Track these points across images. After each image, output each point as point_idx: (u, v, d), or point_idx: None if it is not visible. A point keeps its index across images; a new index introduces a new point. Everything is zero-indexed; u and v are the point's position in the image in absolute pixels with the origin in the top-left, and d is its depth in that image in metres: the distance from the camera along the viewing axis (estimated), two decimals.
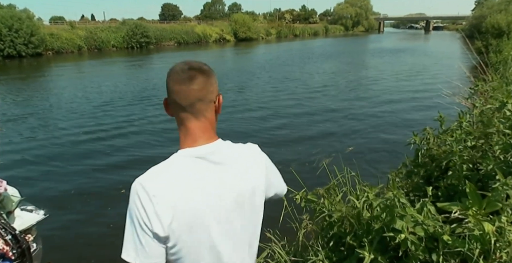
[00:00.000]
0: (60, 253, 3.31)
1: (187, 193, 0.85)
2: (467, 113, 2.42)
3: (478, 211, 1.30)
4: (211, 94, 0.95)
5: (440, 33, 73.45)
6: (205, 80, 0.93)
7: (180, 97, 0.91)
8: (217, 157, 0.92)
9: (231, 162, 0.94)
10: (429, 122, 2.68)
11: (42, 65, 24.00)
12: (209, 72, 0.95)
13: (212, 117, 0.97)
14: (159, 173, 0.87)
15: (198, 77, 0.92)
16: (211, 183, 0.89)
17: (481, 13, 27.92)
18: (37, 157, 6.27)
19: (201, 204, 0.87)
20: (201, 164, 0.89)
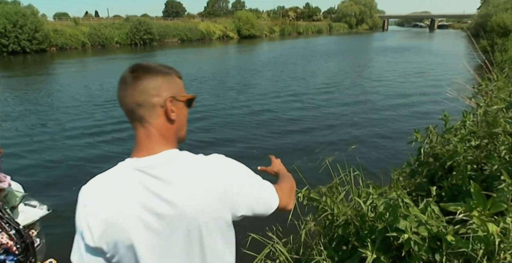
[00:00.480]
0: (63, 249, 3.33)
1: (116, 208, 0.79)
2: (471, 112, 2.40)
3: (483, 211, 1.29)
4: (155, 97, 0.84)
5: (445, 32, 72.93)
6: (145, 83, 0.84)
7: (121, 104, 0.85)
8: (158, 172, 0.80)
9: (174, 178, 0.80)
10: (433, 121, 2.67)
11: (46, 61, 24.07)
12: (152, 74, 0.85)
13: (161, 124, 0.86)
14: (97, 183, 0.83)
15: (135, 80, 0.84)
16: (144, 200, 0.79)
17: (487, 12, 27.67)
18: (41, 153, 6.30)
19: (128, 222, 0.78)
20: (139, 178, 0.80)
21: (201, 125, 7.85)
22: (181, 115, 0.90)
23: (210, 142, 6.75)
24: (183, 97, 0.90)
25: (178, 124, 0.90)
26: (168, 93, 0.86)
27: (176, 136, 0.90)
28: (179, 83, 0.91)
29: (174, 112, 0.87)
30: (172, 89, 0.87)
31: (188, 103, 0.93)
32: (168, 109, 0.85)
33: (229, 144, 6.63)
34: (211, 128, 7.68)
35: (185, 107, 0.92)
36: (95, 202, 0.81)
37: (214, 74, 15.51)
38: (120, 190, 0.80)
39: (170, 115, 0.86)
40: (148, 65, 0.88)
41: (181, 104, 0.90)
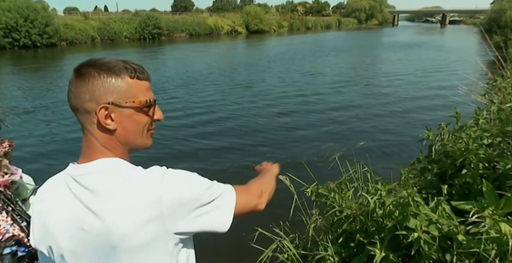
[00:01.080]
0: None
1: (50, 214, 0.76)
2: (484, 109, 2.35)
3: (495, 211, 1.27)
4: (88, 102, 0.73)
5: (456, 27, 71.62)
6: (80, 84, 0.73)
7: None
8: (88, 181, 0.72)
9: (102, 190, 0.70)
10: (444, 118, 2.62)
11: (56, 55, 24.33)
12: (91, 73, 0.73)
13: (97, 133, 0.75)
14: (46, 185, 0.82)
15: (74, 79, 0.74)
16: (74, 210, 0.72)
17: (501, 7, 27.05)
18: (52, 146, 6.39)
19: (58, 229, 0.74)
20: (71, 185, 0.74)
21: (207, 119, 7.87)
22: (129, 123, 0.76)
23: (216, 137, 6.77)
24: (129, 103, 0.75)
25: (124, 133, 0.76)
26: (106, 98, 0.72)
27: (123, 145, 0.78)
28: (131, 84, 0.75)
29: (114, 121, 0.74)
30: (114, 92, 0.73)
31: (143, 109, 0.77)
32: (100, 118, 0.73)
33: (235, 140, 6.63)
34: (217, 123, 7.69)
35: (138, 114, 0.77)
36: (37, 205, 0.80)
37: (221, 69, 15.49)
38: (55, 196, 0.76)
39: (105, 125, 0.74)
40: (94, 62, 0.75)
41: (130, 110, 0.75)
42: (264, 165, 1.25)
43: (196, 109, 8.67)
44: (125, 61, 0.77)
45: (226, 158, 5.69)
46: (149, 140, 0.82)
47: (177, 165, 0.80)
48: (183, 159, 5.62)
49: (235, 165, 5.42)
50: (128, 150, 0.80)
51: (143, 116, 0.78)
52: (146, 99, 0.77)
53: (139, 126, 0.78)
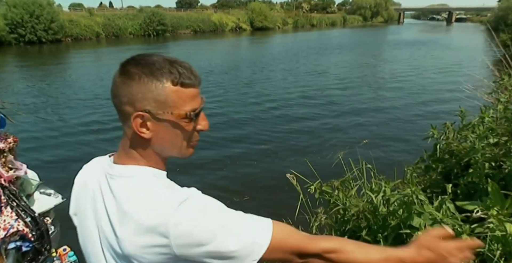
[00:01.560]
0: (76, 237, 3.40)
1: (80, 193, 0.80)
2: (491, 108, 2.33)
3: (500, 211, 1.26)
4: (126, 106, 0.67)
5: (463, 25, 70.90)
6: (119, 83, 0.68)
7: None
8: (116, 187, 0.70)
9: (123, 202, 0.67)
10: (449, 117, 2.60)
11: (61, 51, 24.42)
12: (134, 73, 0.66)
13: (133, 138, 0.70)
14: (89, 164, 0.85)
15: (116, 76, 0.69)
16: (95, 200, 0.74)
17: (508, 5, 26.75)
18: (56, 143, 6.43)
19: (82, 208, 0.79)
20: (102, 181, 0.74)
21: (208, 118, 7.86)
22: (166, 134, 0.69)
23: (218, 136, 6.77)
24: (167, 114, 0.67)
25: (160, 143, 0.70)
26: (143, 105, 0.66)
27: (159, 154, 0.72)
28: (173, 92, 0.66)
29: (150, 129, 0.68)
30: (152, 100, 0.66)
31: (183, 121, 0.69)
32: (134, 126, 0.67)
33: (238, 139, 6.63)
34: (219, 122, 7.68)
35: (179, 125, 0.69)
36: (77, 180, 0.83)
37: (225, 67, 15.47)
38: (90, 180, 0.78)
39: (139, 133, 0.68)
40: (139, 60, 0.67)
41: (166, 121, 0.68)
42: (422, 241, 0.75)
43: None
44: (173, 62, 0.67)
45: (228, 155, 5.69)
46: (188, 151, 0.74)
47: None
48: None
49: (238, 163, 5.42)
50: (165, 157, 0.75)
51: (183, 128, 0.70)
52: (186, 112, 0.68)
53: (178, 138, 0.71)
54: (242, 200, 4.22)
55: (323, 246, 0.69)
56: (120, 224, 0.66)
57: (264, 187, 4.59)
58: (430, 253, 0.71)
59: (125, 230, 0.65)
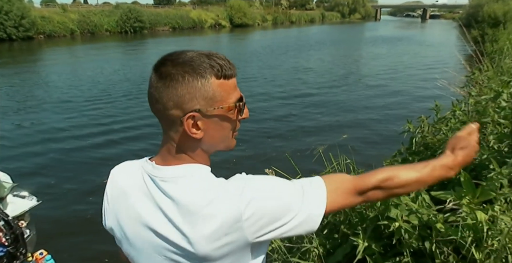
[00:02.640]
0: (53, 239, 3.31)
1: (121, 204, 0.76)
2: (462, 102, 2.42)
3: (472, 200, 1.31)
4: (172, 110, 0.65)
5: (437, 22, 73.00)
6: (160, 88, 0.65)
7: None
8: (171, 188, 0.68)
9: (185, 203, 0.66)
10: (424, 111, 2.68)
11: (33, 49, 23.50)
12: (176, 75, 0.64)
13: (181, 141, 0.69)
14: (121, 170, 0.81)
15: (154, 81, 0.66)
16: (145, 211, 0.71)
17: (478, 2, 27.70)
18: (29, 145, 6.21)
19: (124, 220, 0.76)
20: (150, 186, 0.71)
21: None
22: (215, 130, 0.69)
23: None
24: (218, 109, 0.67)
25: (209, 140, 0.70)
26: (192, 105, 0.65)
27: (207, 151, 0.73)
28: (218, 86, 0.66)
29: (201, 129, 0.67)
30: (200, 98, 0.65)
31: (231, 112, 0.70)
32: (187, 128, 0.66)
33: None
34: None
35: (226, 119, 0.69)
36: (112, 191, 0.79)
37: None
38: (132, 189, 0.74)
39: (192, 134, 0.67)
40: (175, 60, 0.65)
41: (216, 117, 0.68)
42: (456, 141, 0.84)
43: None
44: (210, 56, 0.66)
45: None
46: (233, 142, 0.76)
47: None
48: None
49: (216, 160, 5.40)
50: (212, 152, 0.75)
51: (231, 120, 0.71)
52: (235, 103, 0.69)
53: (226, 131, 0.71)
54: None
55: (378, 178, 0.75)
56: (189, 225, 0.65)
57: None
58: (464, 151, 0.81)
59: (199, 231, 0.64)
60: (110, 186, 0.79)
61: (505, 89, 2.00)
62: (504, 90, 1.99)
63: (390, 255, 1.45)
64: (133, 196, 0.74)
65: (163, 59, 0.67)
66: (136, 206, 0.73)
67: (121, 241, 0.79)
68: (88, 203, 4.19)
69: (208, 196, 0.65)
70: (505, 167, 1.33)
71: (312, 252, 1.61)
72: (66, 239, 3.53)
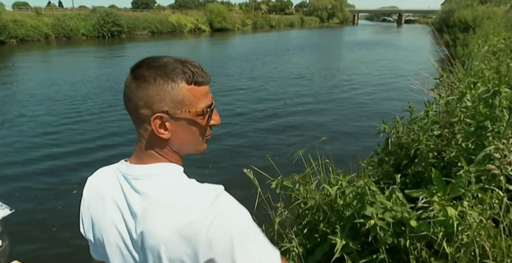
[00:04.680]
0: (28, 249, 3.20)
1: (97, 206, 0.78)
2: (434, 103, 2.51)
3: (443, 196, 1.37)
4: (142, 109, 0.68)
5: (411, 26, 75.44)
6: (133, 88, 0.68)
7: None
8: (143, 185, 0.70)
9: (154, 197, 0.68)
10: (399, 112, 2.77)
11: (4, 54, 22.68)
12: (148, 76, 0.67)
13: (151, 140, 0.71)
14: (96, 175, 0.82)
15: (129, 81, 0.70)
16: (117, 209, 0.73)
17: (450, 8, 28.85)
18: (1, 153, 5.98)
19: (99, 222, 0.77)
20: (123, 184, 0.73)
21: None
22: (183, 132, 0.71)
23: None
24: (185, 113, 0.69)
25: (177, 142, 0.72)
26: (161, 106, 0.67)
27: (176, 152, 0.75)
28: (188, 91, 0.69)
29: (168, 130, 0.70)
30: (169, 101, 0.68)
31: (199, 117, 0.72)
32: (154, 127, 0.68)
33: None
34: None
35: (194, 123, 0.72)
36: (88, 195, 0.80)
37: None
38: (106, 190, 0.76)
39: (158, 134, 0.69)
40: (151, 63, 0.69)
41: (185, 120, 0.70)
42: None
43: None
44: (184, 62, 0.70)
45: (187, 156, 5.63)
46: (203, 146, 0.78)
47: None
48: None
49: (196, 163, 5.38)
50: (182, 154, 0.77)
51: (199, 125, 0.73)
52: (203, 108, 0.71)
53: (195, 134, 0.74)
54: None
55: None
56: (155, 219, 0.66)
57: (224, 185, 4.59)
58: None
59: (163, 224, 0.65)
60: (86, 191, 0.81)
61: (468, 91, 2.10)
62: (468, 91, 2.09)
63: (367, 252, 1.49)
64: (108, 199, 0.75)
65: (140, 62, 0.70)
66: (111, 209, 0.74)
67: (97, 246, 0.79)
68: (63, 213, 4.07)
69: (180, 196, 0.67)
70: (472, 165, 1.39)
71: (292, 252, 1.63)
72: (41, 249, 3.41)
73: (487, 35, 9.86)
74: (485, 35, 10.52)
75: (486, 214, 1.31)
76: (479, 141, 1.63)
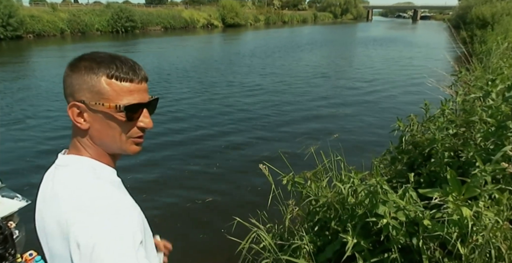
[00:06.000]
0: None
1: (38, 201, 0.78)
2: (450, 100, 2.46)
3: (458, 196, 1.34)
4: (68, 97, 0.72)
5: (427, 23, 73.83)
6: (67, 76, 0.72)
7: None
8: (57, 176, 0.73)
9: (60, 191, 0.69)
10: (414, 110, 2.72)
11: (22, 48, 23.16)
12: (78, 66, 0.70)
13: (74, 128, 0.74)
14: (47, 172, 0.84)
15: (67, 70, 0.72)
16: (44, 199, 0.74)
17: (467, 4, 28.14)
18: (19, 145, 6.13)
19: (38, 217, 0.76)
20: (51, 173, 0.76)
21: (181, 116, 7.78)
22: (101, 126, 0.71)
23: (189, 130, 6.71)
24: (99, 105, 0.69)
25: (98, 135, 0.73)
26: (80, 96, 0.69)
27: (99, 146, 0.74)
28: (107, 85, 0.69)
29: (86, 120, 0.71)
30: (87, 91, 0.69)
31: (117, 114, 0.70)
32: (71, 116, 0.71)
33: (209, 133, 6.59)
34: (191, 118, 7.61)
35: (112, 118, 0.71)
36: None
37: (197, 66, 15.29)
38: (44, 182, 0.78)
39: (75, 122, 0.71)
40: (88, 55, 0.72)
41: (100, 113, 0.70)
42: None
43: (170, 107, 8.50)
44: (115, 58, 0.71)
45: (199, 152, 5.66)
46: (130, 147, 0.75)
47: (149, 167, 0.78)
48: (153, 152, 5.54)
49: (210, 156, 5.41)
50: (109, 152, 0.75)
51: (118, 122, 0.71)
52: (117, 104, 0.69)
53: (114, 131, 0.72)
54: (215, 193, 4.21)
55: None
56: (47, 206, 0.70)
57: (237, 180, 4.61)
58: None
59: (49, 212, 0.69)
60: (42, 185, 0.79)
61: (494, 89, 2.04)
62: (494, 89, 2.03)
63: (378, 251, 1.47)
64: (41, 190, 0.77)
65: (82, 54, 0.73)
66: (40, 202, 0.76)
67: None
68: None
69: (66, 192, 0.68)
70: (488, 164, 1.36)
71: (303, 250, 1.63)
72: None
73: (507, 32, 9.58)
74: (504, 31, 10.23)
75: (503, 215, 1.28)
76: (499, 141, 1.58)
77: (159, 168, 5.05)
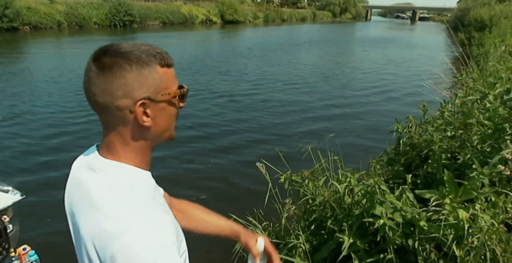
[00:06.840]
0: (37, 235, 3.26)
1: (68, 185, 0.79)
2: (449, 102, 2.47)
3: (454, 198, 1.35)
4: (121, 99, 0.64)
5: (425, 24, 74.03)
6: (105, 78, 0.63)
7: (86, 97, 0.68)
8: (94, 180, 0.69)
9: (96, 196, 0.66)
10: (412, 111, 2.73)
11: (18, 40, 22.92)
12: (121, 64, 0.63)
13: (129, 132, 0.68)
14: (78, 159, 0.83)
15: (98, 72, 0.64)
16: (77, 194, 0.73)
17: (466, 6, 28.21)
18: (14, 138, 6.07)
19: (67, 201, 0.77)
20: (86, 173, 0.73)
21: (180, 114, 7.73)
22: (162, 117, 0.70)
23: (186, 129, 6.69)
24: (165, 95, 0.68)
25: (157, 129, 0.71)
26: (142, 93, 0.65)
27: (151, 141, 0.72)
28: (163, 74, 0.67)
29: (150, 116, 0.67)
30: (148, 86, 0.65)
31: (175, 100, 0.71)
32: (138, 115, 0.66)
33: (206, 135, 6.53)
34: (187, 114, 7.59)
35: (171, 106, 0.71)
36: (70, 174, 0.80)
37: (196, 62, 15.23)
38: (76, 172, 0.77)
39: (142, 122, 0.67)
40: (117, 50, 0.65)
41: (163, 104, 0.69)
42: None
43: None
44: (149, 46, 0.68)
45: (194, 150, 5.65)
46: (174, 132, 0.77)
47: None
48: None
49: (206, 154, 5.40)
50: (156, 144, 0.75)
51: (174, 107, 0.73)
52: (179, 89, 0.71)
53: (171, 118, 0.73)
54: (211, 190, 4.21)
55: None
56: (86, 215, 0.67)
57: (234, 178, 4.61)
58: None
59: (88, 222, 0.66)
60: (70, 177, 0.79)
61: (491, 91, 2.05)
62: (491, 91, 2.04)
63: (374, 251, 1.48)
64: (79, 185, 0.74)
65: (103, 51, 0.66)
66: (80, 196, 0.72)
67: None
68: None
69: (115, 200, 0.64)
70: (486, 167, 1.36)
71: (299, 249, 1.63)
72: (50, 234, 3.47)
73: (505, 35, 9.62)
74: (502, 34, 10.27)
75: (498, 218, 1.29)
76: (496, 144, 1.59)
77: (154, 166, 4.99)
